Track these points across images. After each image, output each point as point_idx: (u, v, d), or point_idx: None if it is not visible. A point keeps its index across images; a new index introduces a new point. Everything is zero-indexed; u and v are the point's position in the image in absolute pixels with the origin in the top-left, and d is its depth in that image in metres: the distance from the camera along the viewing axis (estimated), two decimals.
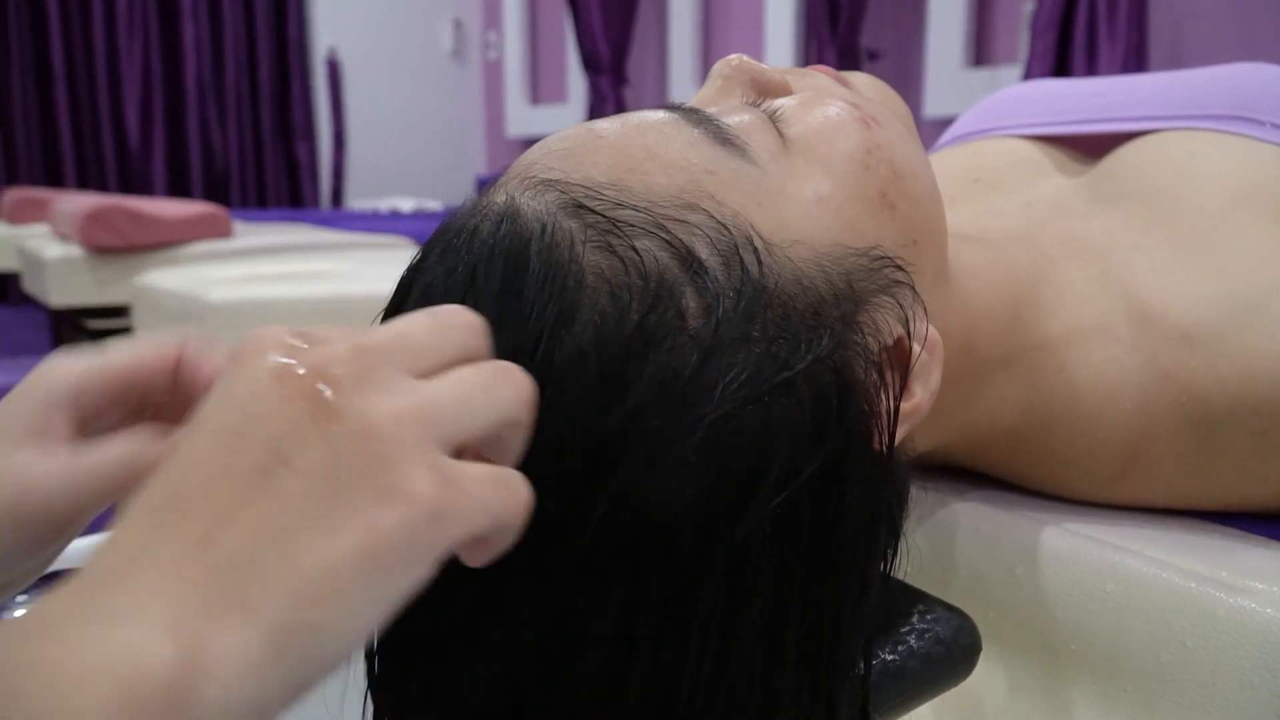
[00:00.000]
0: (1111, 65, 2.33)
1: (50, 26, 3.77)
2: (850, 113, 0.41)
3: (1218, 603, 0.45)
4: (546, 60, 4.41)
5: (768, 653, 0.34)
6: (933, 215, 0.43)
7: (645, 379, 0.32)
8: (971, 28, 2.78)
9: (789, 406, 0.34)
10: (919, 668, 0.44)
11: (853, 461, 0.35)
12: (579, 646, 0.33)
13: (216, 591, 0.23)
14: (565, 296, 0.33)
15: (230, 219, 2.52)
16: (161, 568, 0.23)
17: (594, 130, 0.39)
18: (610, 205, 0.35)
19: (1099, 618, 0.48)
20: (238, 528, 0.24)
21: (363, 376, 0.26)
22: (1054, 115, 0.68)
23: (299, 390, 0.25)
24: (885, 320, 0.38)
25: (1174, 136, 0.59)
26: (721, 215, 0.36)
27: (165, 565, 0.23)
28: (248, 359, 0.26)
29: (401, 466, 0.25)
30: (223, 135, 4.19)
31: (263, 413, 0.25)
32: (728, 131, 0.39)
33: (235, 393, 0.26)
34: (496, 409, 0.28)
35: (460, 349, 0.29)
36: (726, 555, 0.33)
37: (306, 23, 4.38)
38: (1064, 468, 0.54)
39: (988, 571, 0.54)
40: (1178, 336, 0.50)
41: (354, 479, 0.25)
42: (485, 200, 0.37)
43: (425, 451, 0.26)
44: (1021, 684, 0.52)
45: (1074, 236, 0.56)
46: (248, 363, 0.26)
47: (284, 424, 0.25)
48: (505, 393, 0.28)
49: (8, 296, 3.50)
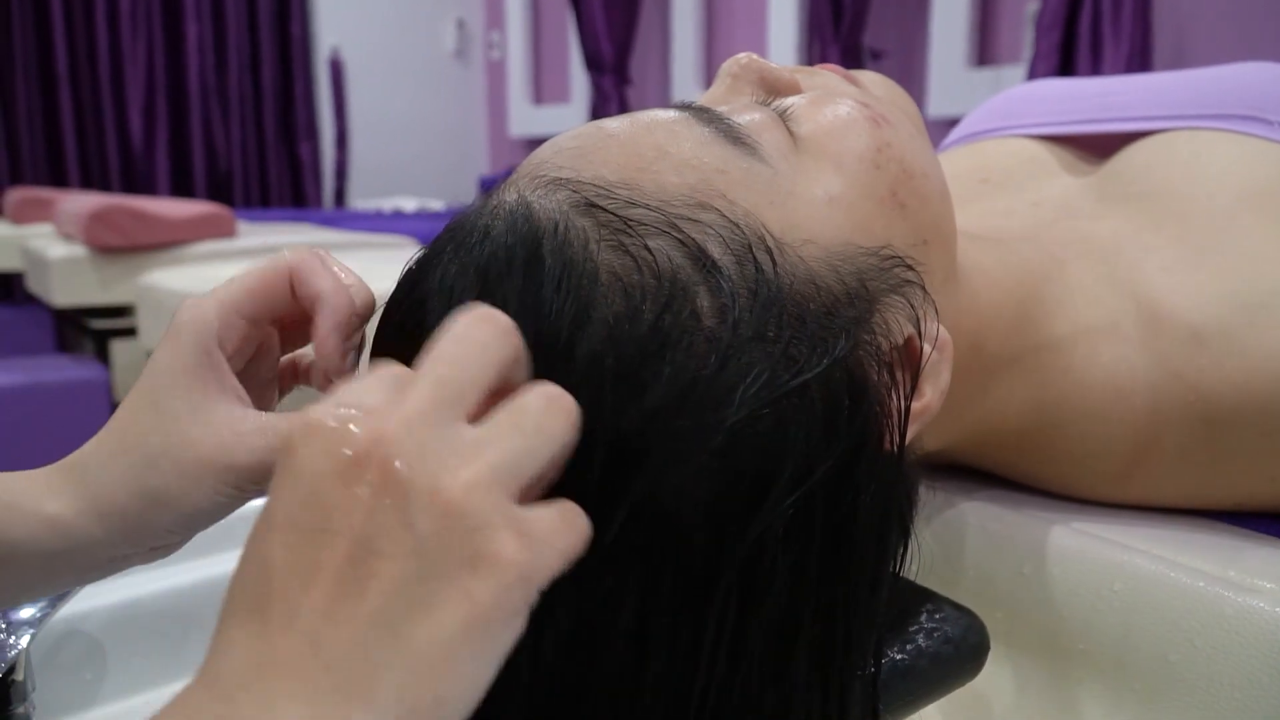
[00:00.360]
0: (1116, 65, 2.32)
1: (54, 27, 3.77)
2: (860, 111, 0.41)
3: (1226, 602, 0.45)
4: (549, 60, 4.41)
5: (780, 652, 0.35)
6: (943, 214, 0.43)
7: (664, 380, 0.32)
8: (975, 27, 2.77)
9: (802, 407, 0.34)
10: (927, 667, 0.44)
11: (864, 461, 0.35)
12: (595, 647, 0.33)
13: (339, 689, 0.24)
14: (581, 296, 0.33)
15: (234, 219, 2.52)
16: (284, 674, 0.24)
17: (604, 129, 0.39)
18: (622, 204, 0.35)
19: (1107, 617, 0.48)
20: (345, 624, 0.25)
21: (423, 447, 0.26)
22: (1061, 115, 0.68)
23: (366, 476, 0.26)
24: (896, 320, 0.38)
25: (1181, 136, 0.59)
26: (733, 214, 0.36)
27: (287, 671, 0.24)
28: (303, 448, 0.27)
29: (485, 534, 0.26)
30: (226, 135, 4.19)
31: (337, 505, 0.26)
32: (738, 130, 0.39)
33: (303, 487, 0.26)
34: (552, 446, 0.29)
35: (500, 367, 0.30)
36: (740, 554, 0.33)
37: (310, 23, 4.37)
38: (1073, 467, 0.54)
39: (996, 571, 0.54)
40: (1186, 336, 0.50)
41: (442, 555, 0.25)
42: (495, 198, 0.37)
43: (502, 512, 0.26)
44: (1029, 683, 0.52)
45: (1082, 236, 0.56)
46: (305, 453, 0.27)
47: (361, 514, 0.26)
48: (557, 427, 0.29)
49: (11, 296, 3.50)
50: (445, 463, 0.26)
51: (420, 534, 0.25)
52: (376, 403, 0.28)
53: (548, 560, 0.27)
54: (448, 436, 0.27)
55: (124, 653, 0.55)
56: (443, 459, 0.26)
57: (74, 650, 0.54)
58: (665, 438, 0.32)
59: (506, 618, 0.26)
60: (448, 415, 0.27)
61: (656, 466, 0.32)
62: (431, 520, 0.25)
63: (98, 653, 0.55)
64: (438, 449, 0.27)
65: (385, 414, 0.27)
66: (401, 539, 0.25)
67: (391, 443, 0.26)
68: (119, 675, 0.55)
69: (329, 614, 0.25)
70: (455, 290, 0.34)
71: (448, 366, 0.29)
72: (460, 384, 0.28)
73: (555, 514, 0.28)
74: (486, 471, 0.27)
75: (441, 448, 0.27)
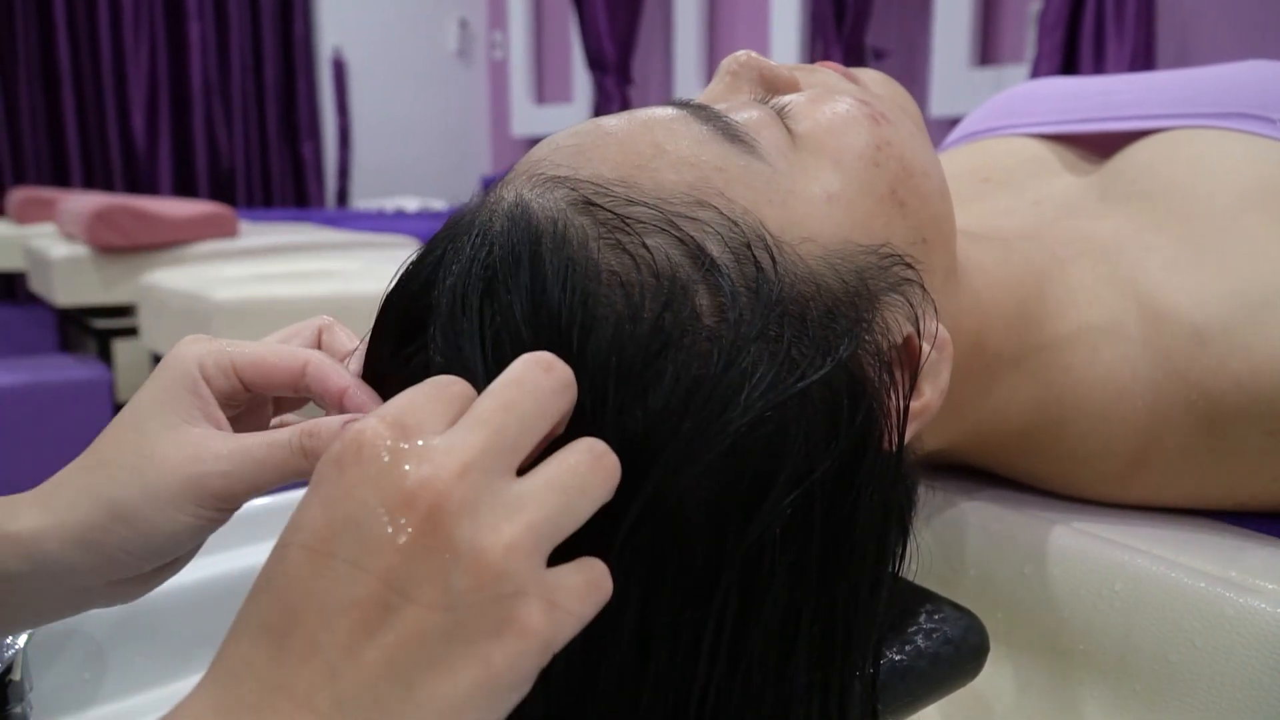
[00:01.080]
0: (1119, 64, 2.32)
1: (56, 26, 3.77)
2: (860, 109, 0.41)
3: (1227, 602, 0.44)
4: (552, 60, 4.41)
5: (780, 652, 0.34)
6: (942, 213, 0.43)
7: (667, 380, 0.32)
8: (977, 26, 2.77)
9: (803, 407, 0.34)
10: (927, 667, 0.44)
11: (864, 461, 0.35)
12: (596, 647, 0.33)
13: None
14: (583, 296, 0.33)
15: (236, 218, 2.52)
16: (296, 701, 0.24)
17: (602, 127, 0.39)
18: (620, 202, 0.35)
19: (1108, 617, 0.48)
20: (363, 665, 0.25)
21: (473, 499, 0.26)
22: (1063, 114, 0.67)
23: (413, 519, 0.26)
24: (895, 319, 0.37)
25: (1184, 135, 0.59)
26: (732, 212, 0.36)
27: (299, 699, 0.25)
28: (354, 470, 0.27)
29: (516, 602, 0.26)
30: (228, 135, 4.19)
31: (378, 542, 0.26)
32: (736, 128, 0.38)
33: (343, 512, 0.26)
34: (592, 505, 0.29)
35: (556, 418, 0.30)
36: (740, 554, 0.33)
37: (312, 22, 4.38)
38: (1074, 466, 0.54)
39: (996, 571, 0.53)
40: (1189, 334, 0.50)
41: (471, 615, 0.26)
42: (493, 196, 0.37)
43: (535, 579, 0.26)
44: (1030, 683, 0.52)
45: (1084, 235, 0.56)
46: (355, 475, 0.27)
47: (399, 556, 0.26)
48: (599, 488, 0.29)
49: (14, 296, 3.51)
50: (490, 520, 0.26)
51: (455, 590, 0.25)
52: (432, 436, 0.27)
53: (568, 629, 0.27)
54: (497, 490, 0.27)
55: (123, 653, 0.55)
56: (488, 515, 0.26)
57: (73, 650, 0.54)
58: (670, 440, 0.32)
59: (519, 682, 0.26)
60: (500, 466, 0.27)
61: (662, 469, 0.32)
62: (468, 579, 0.26)
63: (97, 653, 0.54)
64: (487, 503, 0.27)
65: (441, 457, 0.27)
66: (435, 592, 0.25)
67: (443, 491, 0.26)
68: (118, 675, 0.55)
69: (350, 651, 0.25)
70: (459, 290, 0.34)
71: (506, 415, 0.28)
72: (516, 435, 0.28)
73: (582, 580, 0.28)
74: (527, 535, 0.27)
75: (490, 502, 0.27)
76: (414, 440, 0.27)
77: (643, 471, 0.32)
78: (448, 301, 0.34)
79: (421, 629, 0.25)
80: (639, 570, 0.33)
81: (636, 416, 0.32)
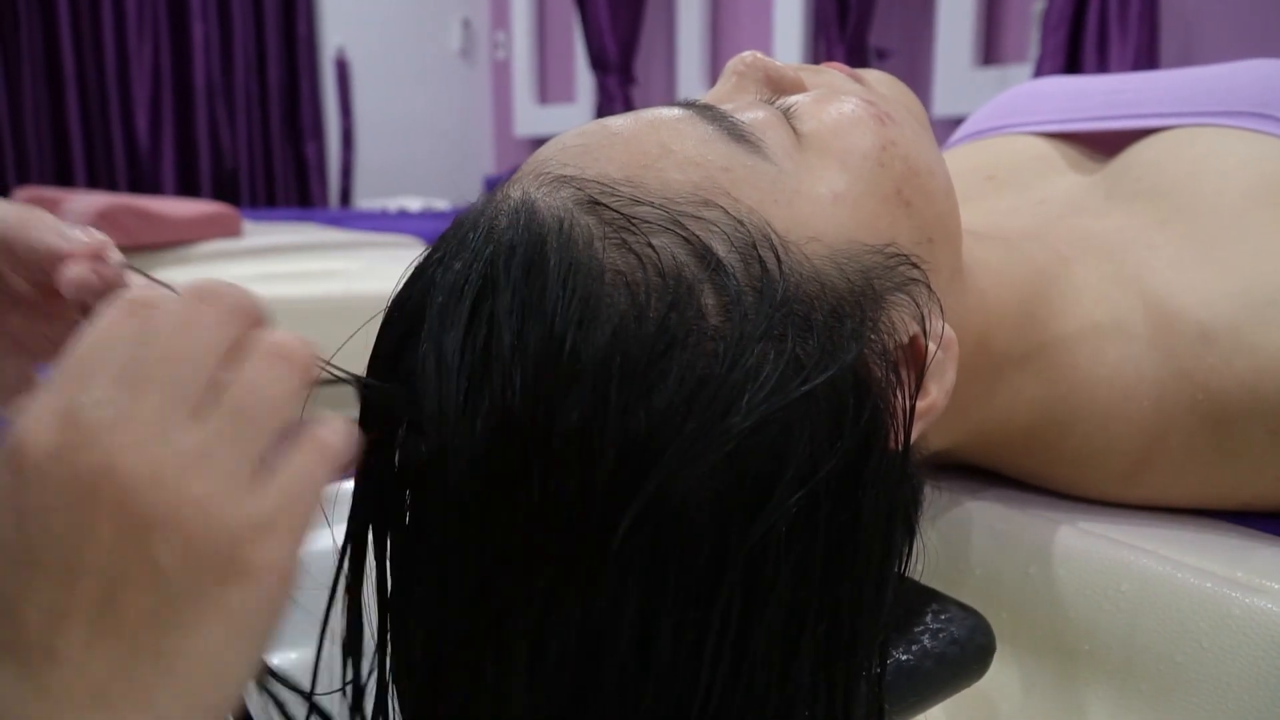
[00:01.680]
0: (1123, 63, 2.31)
1: (60, 27, 3.78)
2: (865, 109, 0.41)
3: (1233, 602, 0.44)
4: (555, 60, 4.41)
5: (785, 651, 0.34)
6: (948, 212, 0.43)
7: (671, 380, 0.32)
8: (981, 26, 2.77)
9: (808, 408, 0.34)
10: (933, 667, 0.44)
11: (869, 461, 0.35)
12: (599, 646, 0.33)
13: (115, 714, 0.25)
14: (586, 294, 0.33)
15: (239, 218, 2.52)
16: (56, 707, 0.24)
17: (608, 127, 0.39)
18: (626, 201, 0.35)
19: (1113, 617, 0.48)
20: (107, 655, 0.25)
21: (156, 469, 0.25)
22: (1068, 112, 0.67)
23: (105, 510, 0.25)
24: (900, 318, 0.37)
25: (1189, 133, 0.59)
26: (738, 212, 0.36)
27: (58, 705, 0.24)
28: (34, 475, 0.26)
29: (232, 548, 0.26)
30: (232, 135, 4.19)
31: (78, 544, 0.25)
32: (742, 128, 0.38)
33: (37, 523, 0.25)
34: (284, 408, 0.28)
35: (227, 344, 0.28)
36: (744, 554, 0.33)
37: (315, 22, 4.38)
38: (1079, 466, 0.54)
39: (1002, 571, 0.53)
40: (1195, 333, 0.49)
41: (190, 577, 0.25)
42: (500, 195, 0.37)
43: (241, 520, 0.26)
44: (1035, 684, 0.52)
45: (1089, 234, 0.56)
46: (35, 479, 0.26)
47: (104, 553, 0.25)
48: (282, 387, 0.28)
49: None
50: (176, 482, 0.26)
51: (164, 566, 0.25)
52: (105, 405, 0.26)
53: (302, 532, 0.27)
54: (180, 446, 0.26)
55: None
56: (174, 478, 0.26)
57: None
58: (674, 440, 0.32)
59: (268, 611, 0.26)
60: (176, 417, 0.26)
61: (665, 469, 0.32)
62: (173, 551, 0.25)
63: None
64: (171, 465, 0.26)
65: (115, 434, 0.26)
66: (147, 572, 0.25)
67: (125, 472, 0.25)
68: None
69: (90, 646, 0.25)
70: (460, 288, 0.34)
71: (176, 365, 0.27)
72: (185, 381, 0.27)
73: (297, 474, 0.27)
74: (220, 482, 0.26)
75: (174, 463, 0.26)
76: (82, 423, 0.26)
77: (645, 471, 0.32)
78: (441, 298, 0.34)
79: (148, 608, 0.25)
80: (640, 570, 0.33)
81: (640, 416, 0.32)
